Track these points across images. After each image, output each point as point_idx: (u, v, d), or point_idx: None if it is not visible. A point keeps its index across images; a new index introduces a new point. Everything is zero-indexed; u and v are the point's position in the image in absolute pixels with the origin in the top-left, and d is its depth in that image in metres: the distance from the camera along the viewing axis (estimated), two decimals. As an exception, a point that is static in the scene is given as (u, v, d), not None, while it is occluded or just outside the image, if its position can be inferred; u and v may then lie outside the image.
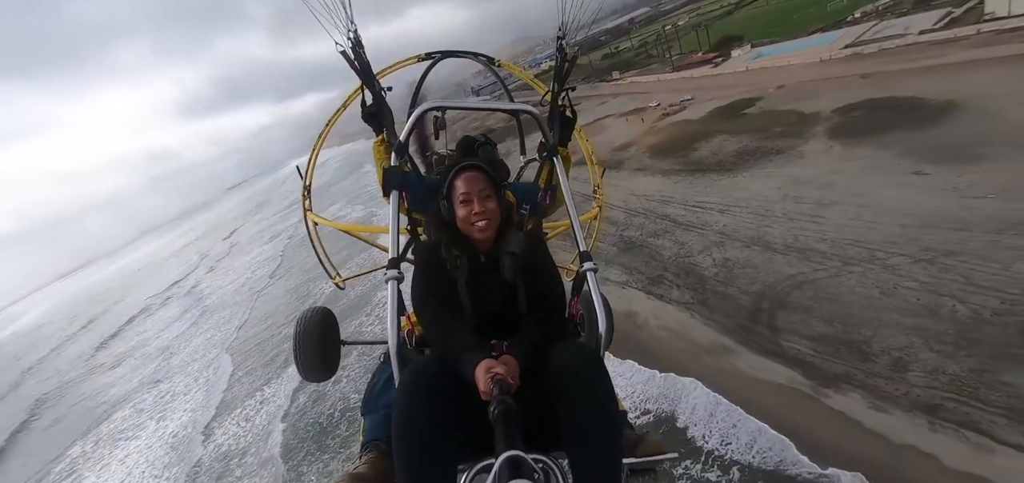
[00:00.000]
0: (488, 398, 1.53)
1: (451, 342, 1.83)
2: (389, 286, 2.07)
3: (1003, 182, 13.32)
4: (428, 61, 3.54)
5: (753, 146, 22.41)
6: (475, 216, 2.02)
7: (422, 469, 1.59)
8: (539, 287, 2.05)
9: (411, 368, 1.75)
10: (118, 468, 21.48)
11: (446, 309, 1.96)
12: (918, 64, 23.73)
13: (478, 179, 2.05)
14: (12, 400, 37.43)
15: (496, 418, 1.44)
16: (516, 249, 2.04)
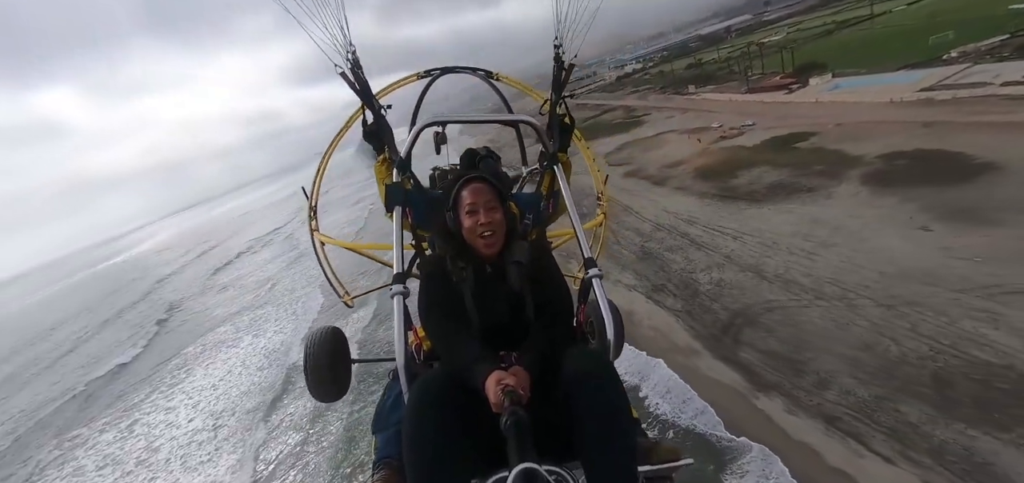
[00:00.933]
0: (499, 410, 1.54)
1: (459, 354, 1.84)
2: (395, 301, 2.10)
3: (994, 247, 14.16)
4: (427, 78, 3.69)
5: (789, 181, 23.46)
6: (481, 227, 2.04)
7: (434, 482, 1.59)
8: (546, 296, 2.07)
9: (419, 382, 1.75)
10: (221, 366, 27.40)
11: (453, 321, 1.98)
12: (984, 118, 23.26)
13: (484, 190, 2.09)
14: (152, 302, 47.16)
15: (508, 430, 1.45)
16: (522, 258, 2.07)
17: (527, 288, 2.02)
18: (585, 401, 1.63)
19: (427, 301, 2.04)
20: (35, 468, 23.28)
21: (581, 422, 1.64)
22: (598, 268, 2.32)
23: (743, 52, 63.60)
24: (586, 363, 1.74)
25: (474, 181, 2.10)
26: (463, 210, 2.06)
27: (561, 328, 2.04)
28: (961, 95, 26.84)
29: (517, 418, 1.45)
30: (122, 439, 23.61)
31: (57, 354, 42.62)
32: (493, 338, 1.93)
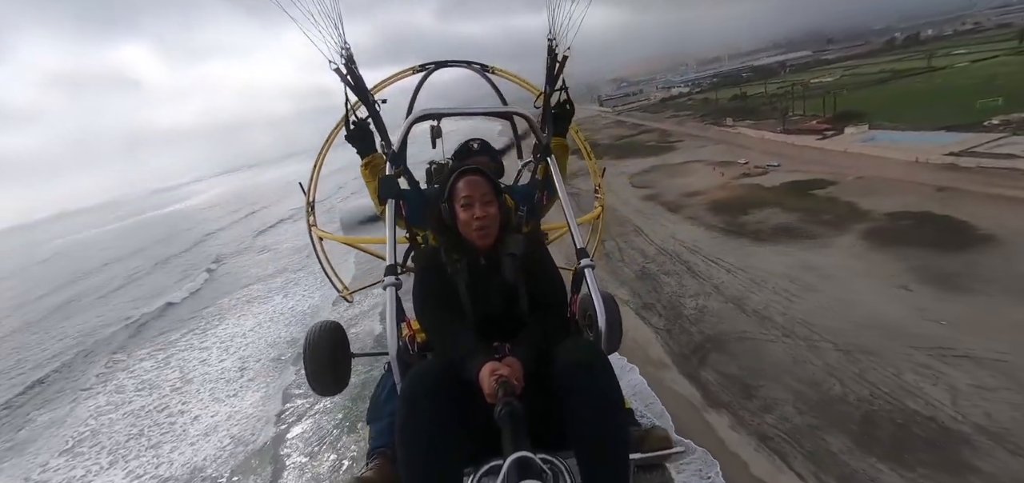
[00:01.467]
0: (493, 400, 1.61)
1: (453, 345, 1.93)
2: (387, 293, 2.23)
3: (961, 314, 15.03)
4: (422, 73, 3.73)
5: (795, 225, 24.37)
6: (476, 220, 2.14)
7: (427, 472, 1.63)
8: (540, 287, 2.19)
9: (412, 373, 1.81)
10: (251, 319, 30.42)
11: (447, 312, 2.07)
12: (1000, 190, 23.52)
13: (480, 183, 2.20)
14: (201, 250, 52.13)
15: (502, 419, 1.50)
16: (516, 251, 2.18)
17: (521, 280, 2.10)
18: (578, 391, 1.68)
19: (421, 293, 2.12)
20: (86, 381, 26.77)
21: (574, 412, 1.69)
22: (590, 259, 2.38)
23: (787, 91, 63.25)
24: (579, 353, 1.79)
25: (470, 174, 2.18)
26: (458, 203, 2.14)
27: (555, 319, 2.11)
28: (985, 164, 26.92)
29: (511, 408, 1.49)
30: (159, 368, 26.78)
31: (110, 288, 47.36)
32: (487, 330, 2.01)
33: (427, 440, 1.61)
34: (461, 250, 2.17)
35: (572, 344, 1.90)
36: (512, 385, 1.61)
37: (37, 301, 48.10)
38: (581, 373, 1.74)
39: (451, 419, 1.68)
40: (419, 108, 3.23)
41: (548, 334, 2.02)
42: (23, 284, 59.52)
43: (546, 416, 1.76)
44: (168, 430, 20.45)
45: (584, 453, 1.72)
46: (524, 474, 1.30)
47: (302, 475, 16.11)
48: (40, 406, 25.56)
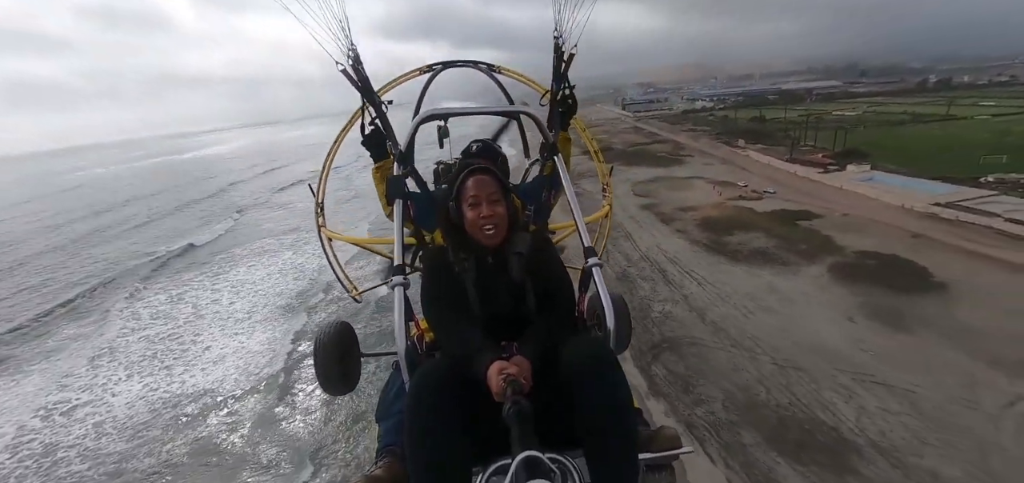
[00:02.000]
0: (501, 399, 1.57)
1: (461, 344, 1.88)
2: (396, 293, 2.16)
3: (891, 348, 16.75)
4: (429, 73, 3.73)
5: (772, 251, 25.99)
6: (483, 219, 2.08)
7: (435, 470, 1.62)
8: (547, 286, 2.11)
9: (420, 371, 1.77)
10: (261, 270, 32.84)
11: (455, 311, 2.02)
12: (967, 244, 24.90)
13: (488, 182, 2.14)
14: (225, 198, 55.07)
15: (511, 418, 1.46)
16: (523, 249, 2.12)
17: (528, 279, 2.08)
18: (587, 390, 1.67)
19: (429, 292, 2.09)
20: (105, 308, 29.39)
21: (583, 411, 1.68)
22: (598, 258, 2.33)
23: (803, 120, 63.90)
24: (588, 352, 1.76)
25: (478, 173, 2.16)
26: (466, 201, 2.11)
27: (563, 318, 2.08)
28: (964, 218, 28.17)
29: (519, 407, 1.47)
30: (172, 303, 29.30)
31: (133, 223, 50.26)
32: (495, 328, 1.99)
33: (435, 439, 1.62)
34: (468, 249, 2.14)
35: (580, 343, 1.87)
36: (520, 383, 1.63)
37: (67, 226, 51.33)
38: (590, 372, 1.71)
39: (459, 418, 1.67)
40: (426, 108, 3.15)
41: (555, 333, 1.99)
42: (52, 209, 63.06)
43: (554, 415, 1.73)
44: (180, 355, 22.94)
45: (593, 452, 1.70)
46: (533, 473, 1.31)
47: (299, 398, 18.43)
48: (68, 322, 28.28)
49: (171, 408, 18.60)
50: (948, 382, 14.97)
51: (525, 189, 3.27)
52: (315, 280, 29.25)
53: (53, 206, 65.66)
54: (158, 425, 17.66)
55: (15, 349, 25.27)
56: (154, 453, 16.30)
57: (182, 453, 16.18)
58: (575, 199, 2.64)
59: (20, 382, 21.96)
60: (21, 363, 23.78)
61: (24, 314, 29.42)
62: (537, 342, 1.91)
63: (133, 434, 17.35)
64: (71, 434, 17.84)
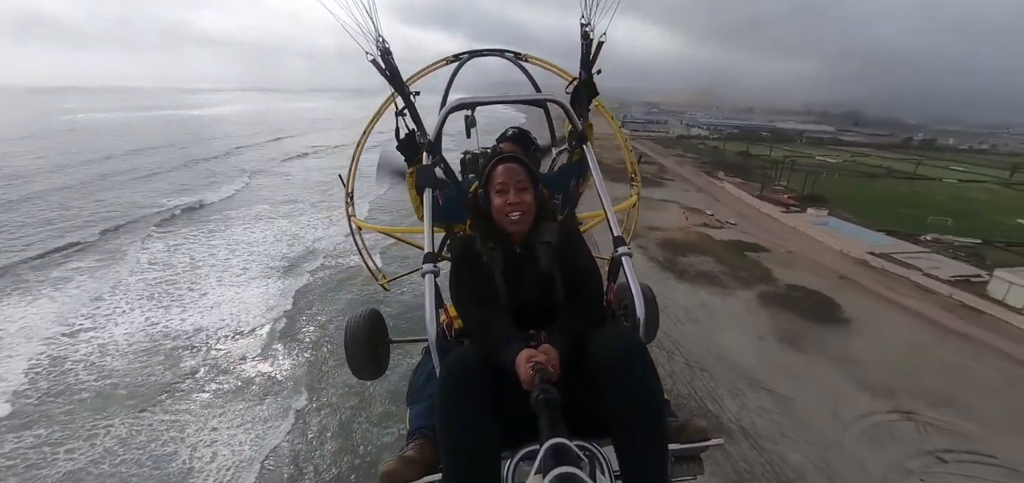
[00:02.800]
0: (530, 387, 1.59)
1: (490, 333, 1.91)
2: (426, 280, 2.19)
3: (788, 365, 20.03)
4: (456, 63, 3.74)
5: (716, 274, 29.30)
6: (509, 207, 2.12)
7: (466, 454, 1.64)
8: (575, 275, 2.12)
9: (449, 358, 1.81)
10: (256, 233, 35.40)
11: (484, 300, 2.05)
12: (882, 290, 28.39)
13: (516, 171, 2.17)
14: (233, 162, 57.64)
15: (539, 406, 1.47)
16: (551, 239, 2.14)
17: (556, 268, 2.09)
18: (616, 380, 1.67)
19: (457, 280, 2.12)
20: (107, 249, 31.85)
21: (612, 401, 1.67)
22: (627, 247, 2.35)
23: (782, 162, 67.61)
24: (617, 342, 1.77)
25: (507, 161, 2.18)
26: (494, 189, 2.15)
27: (591, 308, 2.09)
28: (888, 268, 31.71)
29: (548, 394, 1.48)
30: (169, 252, 31.75)
31: (140, 174, 52.28)
32: (523, 318, 2.01)
33: (466, 423, 1.64)
34: (496, 238, 2.16)
35: (610, 332, 1.88)
36: (549, 372, 1.62)
37: (74, 167, 53.12)
38: (619, 362, 1.70)
39: (488, 404, 1.68)
40: (453, 98, 3.18)
41: (584, 322, 1.98)
42: (58, 148, 64.63)
43: (583, 404, 1.73)
44: (177, 299, 25.60)
45: (623, 441, 1.68)
46: (561, 460, 1.28)
47: (286, 341, 21.26)
48: (82, 255, 30.73)
49: (170, 340, 21.36)
50: (820, 395, 18.29)
51: (552, 178, 3.28)
52: (311, 247, 32.01)
53: (58, 145, 67.24)
54: (162, 351, 20.42)
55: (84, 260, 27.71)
56: (181, 374, 19.09)
57: (203, 376, 18.98)
58: (604, 188, 2.64)
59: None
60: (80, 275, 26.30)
61: (57, 240, 31.70)
62: (566, 331, 1.91)
63: (150, 352, 20.11)
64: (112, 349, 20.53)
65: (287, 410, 16.96)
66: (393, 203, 35.47)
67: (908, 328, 24.23)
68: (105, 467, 14.41)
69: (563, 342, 1.86)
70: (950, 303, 27.61)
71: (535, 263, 2.11)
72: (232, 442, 15.58)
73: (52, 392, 17.71)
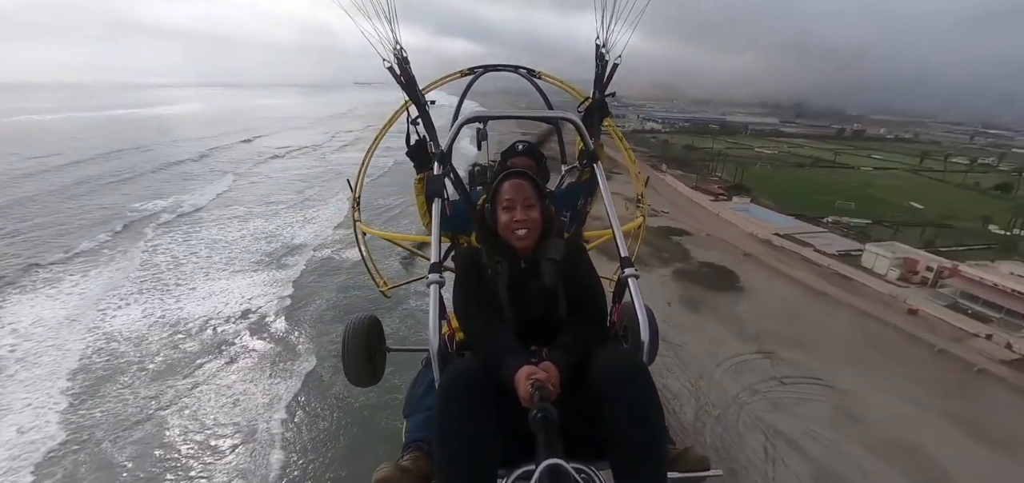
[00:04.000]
0: (528, 404, 1.56)
1: (491, 346, 1.88)
2: (431, 290, 2.16)
3: (683, 323, 25.31)
4: (470, 75, 3.76)
5: (643, 255, 34.54)
6: (516, 223, 2.11)
7: (461, 470, 1.62)
8: (580, 294, 2.11)
9: (450, 370, 1.80)
10: (232, 231, 37.95)
11: (487, 313, 2.03)
12: (776, 264, 34.42)
13: (524, 187, 2.16)
14: (211, 162, 58.83)
15: (537, 425, 1.45)
16: (556, 255, 2.13)
17: (560, 285, 2.09)
18: (617, 402, 1.66)
19: (462, 292, 2.11)
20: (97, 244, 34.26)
21: (612, 423, 1.66)
22: (634, 269, 2.33)
23: (719, 155, 74.41)
24: (619, 363, 1.76)
25: (515, 177, 2.18)
26: (501, 205, 2.14)
27: (594, 327, 2.08)
28: (787, 246, 37.92)
29: (546, 414, 1.46)
30: (151, 251, 34.07)
31: (121, 177, 52.75)
32: (526, 333, 1.99)
33: (464, 438, 1.63)
34: (502, 252, 2.15)
35: (612, 353, 1.86)
36: (548, 390, 1.60)
37: (46, 173, 52.85)
38: (621, 384, 1.68)
39: (487, 419, 1.66)
40: (466, 111, 3.07)
41: (587, 341, 1.94)
42: (18, 152, 63.38)
43: (582, 424, 1.70)
44: (171, 289, 28.71)
45: (621, 465, 1.66)
46: (557, 481, 1.29)
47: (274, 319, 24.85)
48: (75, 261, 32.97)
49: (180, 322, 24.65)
50: (704, 343, 23.64)
51: (560, 195, 3.33)
52: (289, 244, 35.30)
53: (20, 149, 65.75)
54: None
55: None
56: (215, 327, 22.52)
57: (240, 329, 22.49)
58: (613, 209, 2.63)
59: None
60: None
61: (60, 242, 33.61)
62: (568, 349, 1.88)
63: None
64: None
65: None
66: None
67: (787, 293, 30.16)
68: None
69: (564, 360, 1.82)
70: (827, 273, 33.88)
71: (540, 279, 2.11)
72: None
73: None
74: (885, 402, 20.37)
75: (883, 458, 17.23)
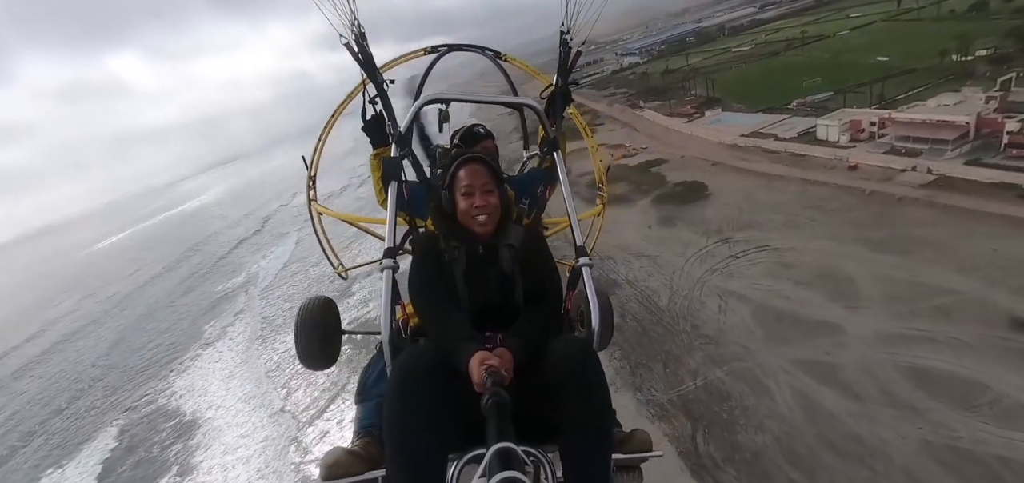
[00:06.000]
0: (481, 389, 1.61)
1: (446, 332, 1.91)
2: (384, 275, 2.17)
3: (660, 238, 31.60)
4: (434, 55, 3.67)
5: (625, 194, 40.48)
6: (476, 209, 2.11)
7: (409, 457, 1.66)
8: (537, 281, 2.15)
9: (402, 357, 1.82)
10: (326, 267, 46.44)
11: (442, 300, 2.04)
12: (741, 164, 39.90)
13: (481, 172, 2.16)
14: (271, 228, 67.68)
15: (488, 410, 1.50)
16: (514, 242, 2.15)
17: (518, 272, 2.12)
18: (568, 388, 1.73)
19: (418, 278, 2.12)
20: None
21: (563, 408, 1.73)
22: (589, 258, 2.38)
23: (691, 72, 77.76)
24: (571, 350, 1.82)
25: (472, 162, 2.18)
26: (459, 190, 2.14)
27: (549, 314, 2.13)
28: (750, 143, 43.09)
29: (498, 399, 1.51)
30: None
31: (207, 268, 62.25)
32: (482, 319, 2.03)
33: (413, 424, 1.67)
34: (459, 238, 2.16)
35: (564, 340, 1.95)
36: (501, 375, 1.65)
37: (152, 282, 62.33)
38: (573, 371, 1.76)
39: (438, 405, 1.70)
40: (426, 92, 3.10)
41: (542, 328, 2.03)
42: (119, 272, 72.35)
43: (534, 409, 1.76)
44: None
45: (569, 448, 1.76)
46: (506, 465, 1.32)
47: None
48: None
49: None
50: (675, 248, 29.97)
51: (520, 181, 3.32)
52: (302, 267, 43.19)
53: (110, 273, 75.45)
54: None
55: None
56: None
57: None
58: (571, 197, 2.67)
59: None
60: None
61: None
62: (522, 336, 1.94)
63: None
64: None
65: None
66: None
67: (746, 186, 35.86)
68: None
69: (519, 347, 1.88)
70: (784, 157, 39.22)
71: (497, 265, 2.13)
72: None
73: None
74: (815, 246, 26.41)
75: (806, 285, 23.49)
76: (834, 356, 19.06)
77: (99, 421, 31.71)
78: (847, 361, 18.68)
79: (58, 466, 28.53)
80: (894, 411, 16.39)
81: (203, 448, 25.84)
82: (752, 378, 18.83)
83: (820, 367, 18.69)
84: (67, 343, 48.16)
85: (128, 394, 34.03)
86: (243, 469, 23.26)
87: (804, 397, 17.60)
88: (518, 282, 2.12)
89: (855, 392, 17.38)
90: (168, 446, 26.81)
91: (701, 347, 21.32)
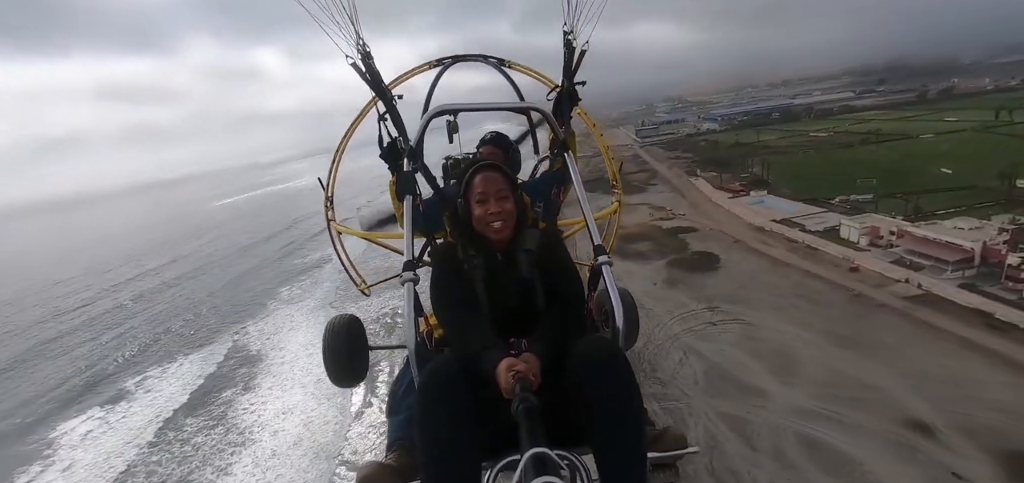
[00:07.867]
0: (510, 396, 1.60)
1: (470, 341, 1.92)
2: (405, 288, 2.19)
3: (662, 296, 36.28)
4: (439, 67, 3.76)
5: (648, 252, 45.33)
6: (491, 215, 2.13)
7: (445, 466, 1.67)
8: (556, 283, 2.15)
9: (429, 368, 1.82)
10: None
11: (464, 308, 2.06)
12: (758, 246, 43.35)
13: (496, 179, 2.18)
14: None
15: (519, 415, 1.50)
16: (532, 246, 2.15)
17: (537, 276, 2.11)
18: (596, 388, 1.71)
19: (438, 288, 2.14)
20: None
21: (592, 409, 1.71)
22: (607, 256, 2.38)
23: (757, 149, 79.55)
24: (597, 350, 1.80)
25: (486, 169, 2.20)
26: (474, 198, 2.16)
27: (572, 316, 2.12)
28: (776, 230, 46.07)
29: (528, 404, 1.50)
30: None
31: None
32: (504, 325, 2.03)
33: (445, 434, 1.67)
34: (477, 246, 2.18)
35: (590, 341, 1.91)
36: (529, 381, 1.64)
37: (265, 241, 76.65)
38: (601, 371, 1.74)
39: (468, 414, 1.70)
40: (436, 104, 3.07)
41: (565, 331, 2.01)
42: (226, 231, 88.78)
43: (563, 412, 1.75)
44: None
45: (602, 450, 1.74)
46: (541, 470, 1.32)
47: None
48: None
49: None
50: (668, 306, 34.59)
51: (534, 185, 3.39)
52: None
53: (232, 230, 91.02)
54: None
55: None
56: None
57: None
58: (585, 197, 2.68)
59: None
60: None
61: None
62: (547, 340, 1.94)
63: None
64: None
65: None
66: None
67: (755, 266, 39.54)
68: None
69: (544, 351, 1.89)
70: (799, 247, 42.22)
71: (516, 270, 2.13)
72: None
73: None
74: (783, 329, 30.14)
75: (755, 356, 27.56)
76: (751, 415, 23.25)
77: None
78: (759, 420, 22.84)
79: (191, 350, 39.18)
80: (776, 464, 20.55)
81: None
82: (679, 415, 23.55)
83: (735, 419, 23.00)
84: (188, 278, 61.15)
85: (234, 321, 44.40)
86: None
87: (712, 437, 22.13)
88: (538, 286, 2.14)
89: (753, 444, 21.65)
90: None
91: (651, 386, 26.19)
